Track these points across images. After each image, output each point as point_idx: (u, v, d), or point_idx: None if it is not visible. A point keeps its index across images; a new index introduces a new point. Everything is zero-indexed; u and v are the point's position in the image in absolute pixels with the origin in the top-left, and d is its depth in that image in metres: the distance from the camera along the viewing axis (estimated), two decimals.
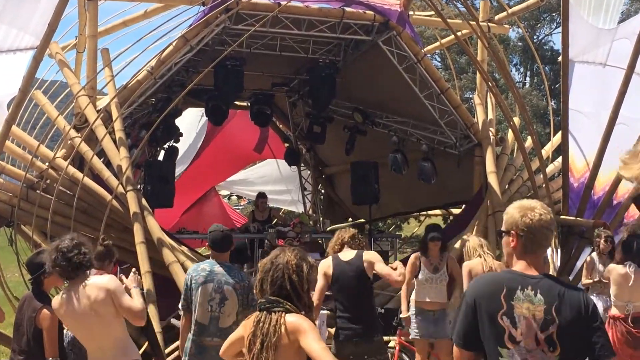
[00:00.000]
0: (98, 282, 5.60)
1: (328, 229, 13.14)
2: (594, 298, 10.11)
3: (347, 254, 7.14)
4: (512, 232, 3.75)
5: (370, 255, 7.09)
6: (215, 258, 6.90)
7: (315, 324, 4.05)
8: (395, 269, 6.91)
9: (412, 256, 9.10)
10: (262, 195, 15.79)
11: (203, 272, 6.65)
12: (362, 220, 8.48)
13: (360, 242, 7.32)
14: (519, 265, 3.74)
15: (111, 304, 5.54)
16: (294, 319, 3.92)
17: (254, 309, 6.58)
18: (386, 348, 7.99)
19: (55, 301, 5.62)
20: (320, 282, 7.05)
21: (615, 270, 8.86)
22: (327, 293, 10.07)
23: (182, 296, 6.74)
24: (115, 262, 7.69)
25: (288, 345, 3.88)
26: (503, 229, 3.84)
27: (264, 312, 4.00)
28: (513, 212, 3.78)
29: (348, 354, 6.85)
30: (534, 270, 3.70)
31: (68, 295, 5.51)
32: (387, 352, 7.68)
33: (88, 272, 5.68)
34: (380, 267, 6.95)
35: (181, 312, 6.83)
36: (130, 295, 5.73)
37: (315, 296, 6.95)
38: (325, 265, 7.12)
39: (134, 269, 6.56)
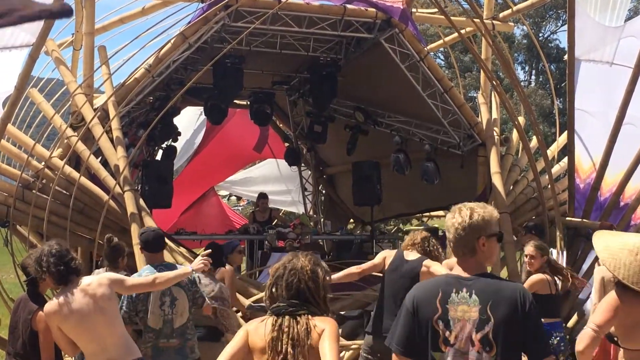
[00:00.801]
0: (98, 280, 5.61)
1: (405, 228, 12.89)
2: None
3: (411, 254, 7.10)
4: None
5: (431, 262, 7.00)
6: (151, 261, 6.79)
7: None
8: None
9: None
10: (263, 196, 15.66)
11: None
12: (437, 226, 8.34)
13: (431, 248, 7.18)
14: (456, 268, 3.76)
15: (115, 299, 5.59)
16: (322, 322, 3.84)
17: (197, 303, 6.59)
18: None
19: (51, 305, 5.53)
20: (375, 260, 7.11)
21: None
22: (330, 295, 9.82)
23: (124, 308, 6.59)
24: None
25: (318, 348, 3.80)
26: None
27: (286, 316, 3.83)
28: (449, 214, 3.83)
29: (378, 350, 6.84)
30: (469, 272, 3.68)
31: (68, 298, 5.45)
32: None
33: (79, 278, 5.60)
34: (435, 269, 6.88)
35: None
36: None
37: (362, 266, 7.10)
38: (388, 253, 7.16)
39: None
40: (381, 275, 7.21)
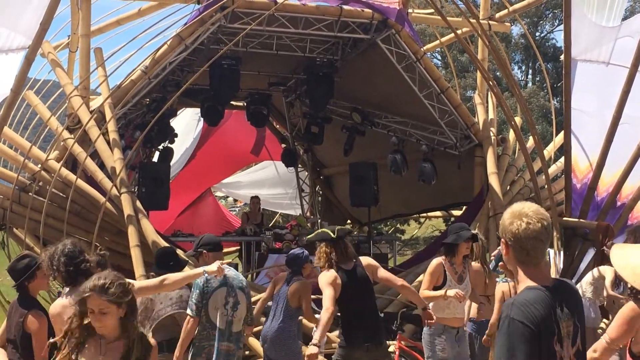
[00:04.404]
0: None
1: (305, 238, 12.60)
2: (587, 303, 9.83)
3: (346, 262, 6.88)
4: (502, 239, 3.46)
5: (368, 260, 6.96)
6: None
7: None
8: None
9: (435, 262, 7.52)
10: (255, 197, 15.79)
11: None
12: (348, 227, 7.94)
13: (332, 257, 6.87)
14: (535, 279, 3.42)
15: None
16: None
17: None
18: (390, 353, 7.72)
19: (56, 307, 5.48)
20: (329, 290, 6.72)
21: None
22: (320, 296, 9.71)
23: (194, 300, 6.51)
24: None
25: None
26: (498, 233, 3.58)
27: None
28: (505, 217, 3.47)
29: (357, 358, 6.72)
30: (547, 280, 3.42)
31: (72, 301, 5.28)
32: (391, 357, 7.46)
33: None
34: (383, 272, 6.86)
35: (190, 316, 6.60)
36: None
37: (329, 302, 6.70)
38: (332, 276, 6.75)
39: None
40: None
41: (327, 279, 6.70)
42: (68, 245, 5.51)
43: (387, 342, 7.46)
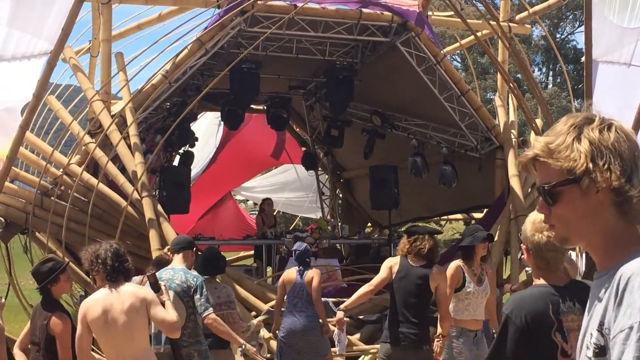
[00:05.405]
0: (135, 291, 5.62)
1: (402, 229, 12.48)
2: None
3: (416, 260, 6.97)
4: (523, 245, 3.71)
5: (441, 271, 7.02)
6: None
7: None
8: None
9: (453, 265, 7.46)
10: (267, 199, 15.84)
11: None
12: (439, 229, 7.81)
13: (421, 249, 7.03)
14: (548, 280, 3.63)
15: (144, 315, 5.56)
16: None
17: (193, 311, 6.51)
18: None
19: (87, 301, 5.65)
20: (382, 273, 7.01)
21: None
22: (341, 299, 9.72)
23: None
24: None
25: None
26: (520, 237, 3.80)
27: None
28: (527, 226, 3.68)
29: (396, 358, 6.80)
30: (561, 281, 3.63)
31: (102, 298, 5.52)
32: None
33: (127, 281, 5.71)
34: (441, 291, 6.92)
35: None
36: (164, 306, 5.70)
37: (373, 282, 7.06)
38: (393, 262, 7.04)
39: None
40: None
41: (385, 262, 7.17)
42: (114, 245, 5.72)
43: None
